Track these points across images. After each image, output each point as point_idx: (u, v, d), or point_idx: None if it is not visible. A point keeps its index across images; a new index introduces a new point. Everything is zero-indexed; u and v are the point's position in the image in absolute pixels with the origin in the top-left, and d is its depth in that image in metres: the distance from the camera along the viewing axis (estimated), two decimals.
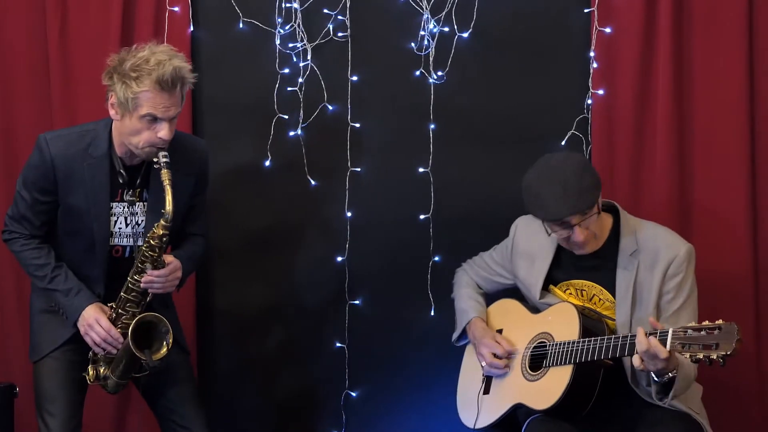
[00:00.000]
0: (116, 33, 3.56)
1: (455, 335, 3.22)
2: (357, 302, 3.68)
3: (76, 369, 3.00)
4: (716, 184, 3.44)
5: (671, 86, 3.42)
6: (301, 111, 3.63)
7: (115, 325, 2.92)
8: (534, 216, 2.89)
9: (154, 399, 3.10)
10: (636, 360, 2.64)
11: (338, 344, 3.69)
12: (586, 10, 3.51)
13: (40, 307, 3.05)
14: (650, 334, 2.61)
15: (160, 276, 2.89)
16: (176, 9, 3.57)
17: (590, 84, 3.50)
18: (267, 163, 3.65)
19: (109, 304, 2.95)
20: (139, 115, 2.77)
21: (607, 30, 3.48)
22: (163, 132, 2.79)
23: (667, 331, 2.58)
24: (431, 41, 3.58)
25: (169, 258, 2.93)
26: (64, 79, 3.62)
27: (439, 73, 3.59)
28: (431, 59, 3.58)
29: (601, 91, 3.50)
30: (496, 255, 3.22)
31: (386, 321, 3.69)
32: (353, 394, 3.71)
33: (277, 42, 3.62)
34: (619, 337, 2.74)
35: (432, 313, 3.64)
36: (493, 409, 3.03)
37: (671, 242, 2.89)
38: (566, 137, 3.55)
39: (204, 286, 3.71)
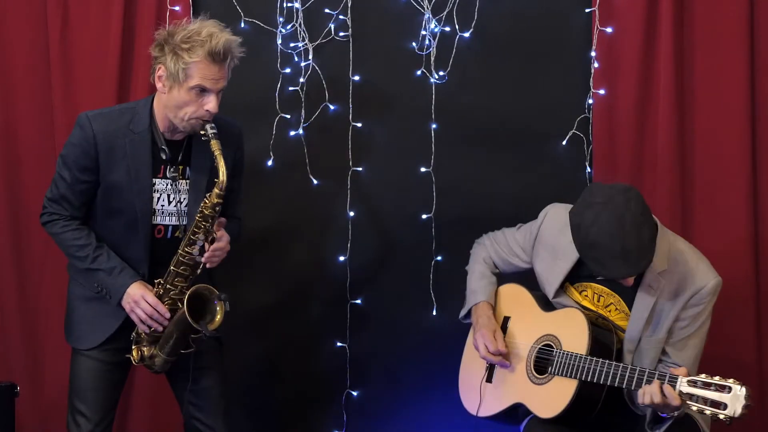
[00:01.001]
0: (117, 32, 3.56)
1: (462, 313, 3.19)
2: (358, 302, 3.68)
3: (114, 371, 2.97)
4: (717, 184, 3.46)
5: (672, 86, 3.43)
6: (303, 110, 3.64)
7: (162, 302, 2.88)
8: (586, 263, 2.75)
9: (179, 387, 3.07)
10: (641, 397, 2.64)
11: (339, 343, 3.69)
12: (587, 10, 3.52)
13: (81, 294, 2.98)
14: (660, 375, 2.61)
15: (219, 249, 2.86)
16: (177, 8, 3.57)
17: (591, 84, 3.52)
18: (269, 162, 3.65)
19: (156, 281, 2.90)
20: (189, 86, 2.78)
21: (609, 30, 3.49)
22: (211, 104, 2.80)
23: (676, 379, 2.57)
24: (432, 41, 3.59)
25: (219, 231, 2.89)
26: (65, 79, 3.61)
27: (441, 73, 3.60)
28: (432, 59, 3.59)
29: (602, 91, 3.51)
30: (519, 236, 3.15)
31: (388, 320, 3.69)
32: (354, 394, 3.71)
33: (279, 42, 3.62)
34: (627, 368, 2.72)
35: (434, 313, 3.64)
36: (495, 401, 3.03)
37: (703, 272, 2.81)
38: (567, 137, 3.56)
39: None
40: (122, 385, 3.05)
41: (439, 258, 3.64)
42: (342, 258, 3.66)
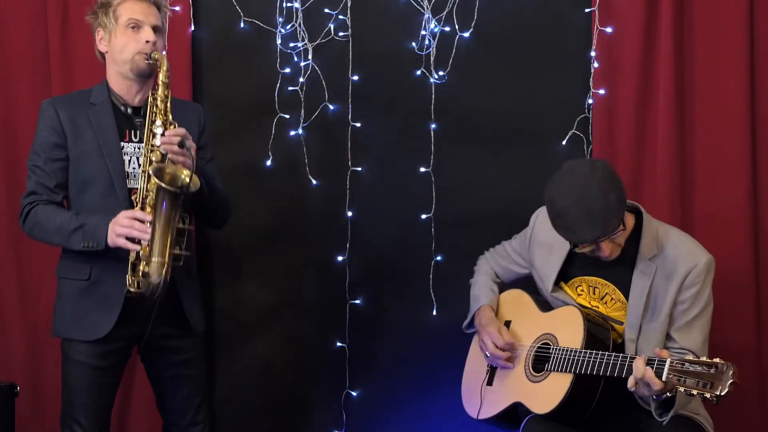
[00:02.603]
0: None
1: (465, 322, 3.21)
2: (358, 302, 3.68)
3: (106, 374, 2.97)
4: (717, 184, 3.45)
5: (672, 86, 3.42)
6: (302, 110, 3.64)
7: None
8: (558, 234, 2.82)
9: (157, 376, 3.09)
10: (630, 382, 2.64)
11: (339, 344, 3.69)
12: (587, 10, 3.52)
13: (70, 292, 2.98)
14: (649, 359, 2.61)
15: (176, 133, 2.84)
16: (177, 8, 3.57)
17: (591, 84, 3.52)
18: (268, 162, 3.66)
19: (132, 197, 2.89)
20: (123, 25, 2.92)
21: (608, 30, 3.49)
22: (148, 34, 2.91)
23: (665, 362, 2.58)
24: (432, 41, 3.59)
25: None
26: (64, 79, 3.62)
27: (441, 73, 3.60)
28: (432, 59, 3.59)
29: (602, 91, 3.51)
30: (515, 244, 3.21)
31: (387, 321, 3.69)
32: (354, 394, 3.71)
33: (278, 41, 3.63)
34: (619, 356, 2.74)
35: (434, 313, 3.64)
36: (495, 402, 3.04)
37: (692, 251, 2.85)
38: (567, 137, 3.56)
39: (204, 285, 3.70)
40: (116, 387, 3.05)
41: (438, 258, 3.63)
42: (341, 258, 3.66)
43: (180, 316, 2.99)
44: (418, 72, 3.61)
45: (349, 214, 3.66)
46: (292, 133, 3.65)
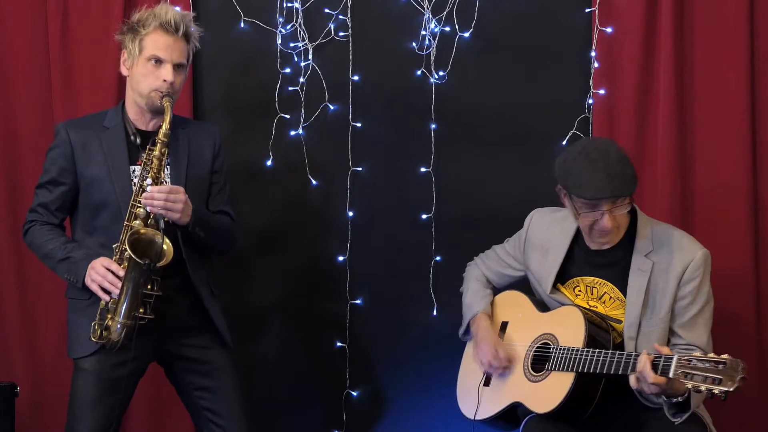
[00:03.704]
0: (117, 32, 3.56)
1: (461, 330, 3.21)
2: (358, 302, 3.68)
3: (115, 388, 2.92)
4: (717, 184, 3.46)
5: (672, 86, 3.43)
6: (303, 110, 3.64)
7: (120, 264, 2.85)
8: (570, 193, 2.81)
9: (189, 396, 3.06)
10: (632, 380, 2.65)
11: (339, 344, 3.70)
12: (587, 10, 3.52)
13: (76, 309, 2.97)
14: (656, 357, 2.61)
15: (160, 191, 2.82)
16: (177, 8, 3.56)
17: (591, 84, 3.52)
18: (268, 162, 3.66)
19: (113, 246, 2.88)
20: (145, 58, 2.91)
21: (608, 30, 3.49)
22: (167, 74, 2.90)
23: (672, 358, 2.57)
24: (432, 41, 3.59)
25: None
26: (65, 79, 3.62)
27: (441, 73, 3.60)
28: (432, 59, 3.60)
29: (602, 91, 3.51)
30: (508, 246, 3.20)
31: (387, 321, 3.70)
32: (354, 394, 3.71)
33: (279, 42, 3.63)
34: (623, 354, 2.73)
35: (434, 313, 3.65)
36: (493, 403, 3.04)
37: (688, 246, 2.87)
38: (567, 137, 3.56)
39: None
40: (124, 405, 3.00)
41: (438, 258, 3.64)
42: (341, 258, 3.66)
43: (210, 327, 3.02)
44: (419, 72, 3.61)
45: (350, 214, 3.66)
46: (293, 133, 3.66)
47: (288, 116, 3.65)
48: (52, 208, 2.97)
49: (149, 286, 2.82)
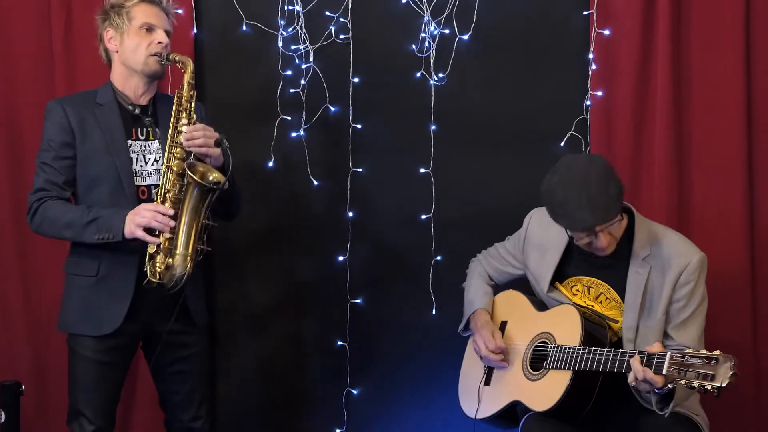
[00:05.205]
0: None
1: (461, 326, 3.23)
2: (358, 301, 3.71)
3: (113, 369, 2.99)
4: (714, 185, 3.46)
5: (670, 88, 3.44)
6: (304, 112, 3.66)
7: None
8: (557, 223, 2.85)
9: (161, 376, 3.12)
10: (630, 377, 2.66)
11: (340, 343, 3.72)
12: (585, 13, 3.53)
13: (78, 288, 3.00)
14: (649, 355, 2.63)
15: (196, 129, 2.92)
16: (180, 11, 3.58)
17: (589, 85, 3.53)
18: (270, 163, 3.68)
19: (154, 190, 2.95)
20: (137, 26, 2.99)
21: (606, 32, 3.51)
22: (161, 36, 2.99)
23: (665, 356, 2.59)
24: (432, 43, 3.61)
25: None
26: (68, 77, 3.65)
27: (440, 75, 3.62)
28: (432, 61, 3.61)
29: (599, 93, 3.52)
30: (509, 245, 3.23)
31: (387, 320, 3.71)
32: (355, 393, 3.73)
33: (280, 44, 3.65)
34: (618, 352, 2.75)
35: (434, 313, 3.67)
36: (493, 402, 3.06)
37: (685, 250, 2.88)
38: (565, 138, 3.57)
39: (206, 285, 3.72)
40: (122, 382, 3.07)
41: (438, 258, 3.66)
42: (342, 258, 3.68)
43: (183, 310, 3.02)
44: (418, 74, 3.63)
45: (350, 214, 3.68)
46: (294, 134, 3.68)
47: (289, 118, 3.67)
48: (60, 183, 2.97)
49: (206, 219, 2.89)
